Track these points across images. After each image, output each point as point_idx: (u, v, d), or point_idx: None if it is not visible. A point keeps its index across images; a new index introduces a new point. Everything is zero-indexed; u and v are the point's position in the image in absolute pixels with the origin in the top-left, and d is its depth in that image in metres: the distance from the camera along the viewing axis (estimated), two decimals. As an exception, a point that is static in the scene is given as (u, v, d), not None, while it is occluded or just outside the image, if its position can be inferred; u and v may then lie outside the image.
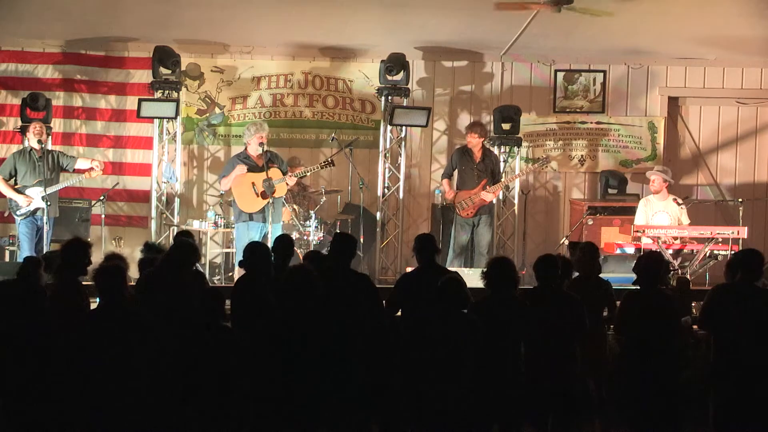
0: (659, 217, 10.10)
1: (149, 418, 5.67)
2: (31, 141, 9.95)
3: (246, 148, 9.96)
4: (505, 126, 11.50)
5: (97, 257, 6.67)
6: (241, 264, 7.07)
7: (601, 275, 7.20)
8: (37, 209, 9.77)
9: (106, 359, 5.60)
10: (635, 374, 6.35)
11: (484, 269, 6.31)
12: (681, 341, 6.72)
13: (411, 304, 6.68)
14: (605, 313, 7.04)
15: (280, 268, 6.74)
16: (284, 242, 7.14)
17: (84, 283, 6.55)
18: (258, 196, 9.67)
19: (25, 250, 9.67)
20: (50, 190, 9.77)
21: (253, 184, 9.69)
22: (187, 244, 6.84)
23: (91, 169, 10.01)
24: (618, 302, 6.73)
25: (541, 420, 6.32)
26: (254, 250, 6.86)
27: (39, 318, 5.93)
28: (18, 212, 9.81)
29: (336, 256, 6.71)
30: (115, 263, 6.05)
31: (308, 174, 10.45)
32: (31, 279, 6.22)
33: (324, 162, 10.25)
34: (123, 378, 5.60)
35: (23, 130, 10.48)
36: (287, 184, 9.76)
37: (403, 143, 11.68)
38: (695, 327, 7.19)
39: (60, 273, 6.48)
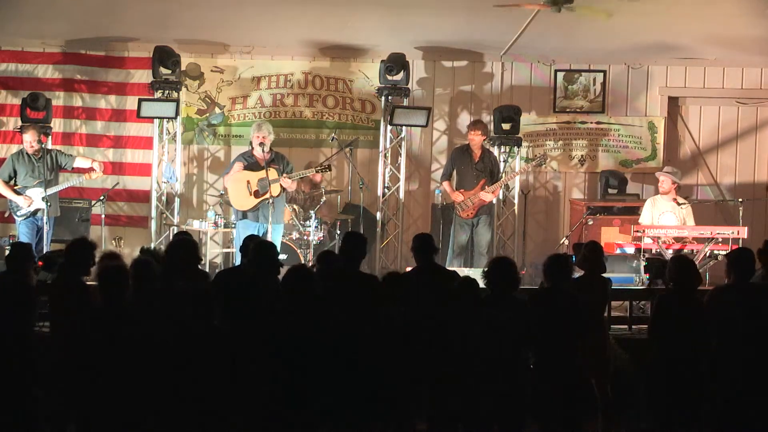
0: (666, 218, 10.07)
1: (148, 418, 5.66)
2: (27, 149, 9.94)
3: (252, 148, 9.97)
4: (505, 126, 11.49)
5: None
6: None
7: (602, 274, 7.21)
8: (37, 210, 9.77)
9: (106, 358, 5.60)
10: (675, 380, 6.27)
11: (485, 269, 6.30)
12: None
13: (409, 303, 6.68)
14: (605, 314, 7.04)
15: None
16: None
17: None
18: (251, 194, 9.67)
19: (25, 251, 9.66)
20: (51, 190, 9.76)
21: (248, 182, 9.69)
22: (188, 243, 6.84)
23: (91, 169, 10.01)
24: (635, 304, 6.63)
25: (543, 419, 6.31)
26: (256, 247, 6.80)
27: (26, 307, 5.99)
28: (18, 213, 9.81)
29: (347, 255, 6.71)
30: (117, 263, 6.05)
31: (301, 177, 10.33)
32: (19, 263, 6.27)
33: (319, 167, 10.24)
34: (122, 377, 5.59)
35: (23, 131, 10.48)
36: (281, 185, 9.71)
37: (403, 143, 11.68)
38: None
39: (63, 272, 6.48)
